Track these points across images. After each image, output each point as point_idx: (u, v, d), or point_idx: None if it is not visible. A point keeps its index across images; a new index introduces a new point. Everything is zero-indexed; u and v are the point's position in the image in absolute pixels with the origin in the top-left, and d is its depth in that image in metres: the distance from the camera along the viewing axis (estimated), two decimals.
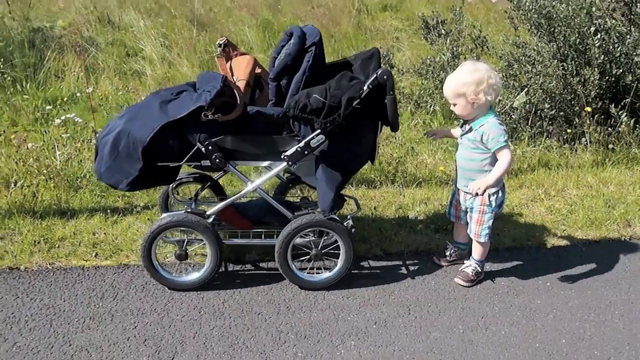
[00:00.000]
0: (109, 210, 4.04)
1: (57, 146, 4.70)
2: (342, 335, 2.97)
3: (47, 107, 5.67)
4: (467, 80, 3.10)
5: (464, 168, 3.32)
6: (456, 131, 3.42)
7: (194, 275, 3.30)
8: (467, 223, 3.43)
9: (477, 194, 3.19)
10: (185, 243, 3.29)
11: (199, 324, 3.01)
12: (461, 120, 3.32)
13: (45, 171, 4.33)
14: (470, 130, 3.20)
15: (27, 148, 4.65)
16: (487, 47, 6.13)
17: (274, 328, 3.01)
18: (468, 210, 3.38)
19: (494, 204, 3.27)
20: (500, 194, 3.28)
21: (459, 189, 3.41)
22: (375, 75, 2.96)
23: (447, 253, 3.65)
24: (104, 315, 3.05)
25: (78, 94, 6.09)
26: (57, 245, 3.66)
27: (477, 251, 3.45)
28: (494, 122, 3.15)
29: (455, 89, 3.13)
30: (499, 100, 5.57)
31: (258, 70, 3.45)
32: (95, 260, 3.55)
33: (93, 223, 3.91)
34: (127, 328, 2.96)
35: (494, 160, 3.19)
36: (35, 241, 3.67)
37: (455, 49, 5.98)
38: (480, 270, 3.48)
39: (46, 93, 6.13)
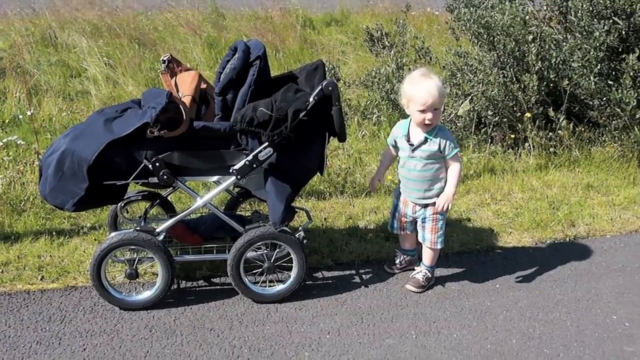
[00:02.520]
0: (54, 233, 3.95)
1: None
2: (295, 347, 2.97)
3: None
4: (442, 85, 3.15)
5: (417, 181, 3.31)
6: (390, 156, 3.46)
7: (146, 294, 3.25)
8: (413, 232, 3.49)
9: (439, 206, 3.26)
10: (135, 262, 3.24)
11: (150, 343, 2.97)
12: (401, 134, 3.31)
13: None
14: (425, 141, 3.22)
15: None
16: (430, 57, 6.25)
17: (227, 343, 2.98)
18: (419, 220, 3.42)
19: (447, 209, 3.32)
20: None
21: (405, 202, 3.43)
22: (320, 86, 2.99)
23: (397, 261, 3.69)
24: (52, 339, 2.97)
25: (20, 116, 5.95)
26: (0, 270, 3.55)
27: (427, 257, 3.49)
28: (445, 129, 3.23)
29: (441, 89, 3.11)
30: (444, 109, 5.68)
31: (203, 86, 3.44)
32: (42, 284, 3.46)
33: (38, 246, 3.81)
34: (76, 351, 2.89)
35: (446, 168, 3.25)
36: None
37: (399, 60, 6.08)
38: (430, 276, 3.53)
39: None
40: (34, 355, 2.86)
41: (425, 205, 3.33)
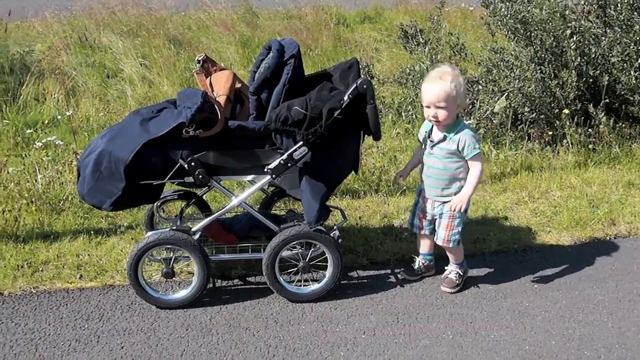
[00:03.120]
0: (92, 232, 4.00)
1: (39, 169, 4.66)
2: (331, 347, 2.96)
3: (28, 131, 5.63)
4: (459, 81, 3.09)
5: (436, 178, 3.27)
6: (419, 153, 3.40)
7: (182, 293, 3.27)
8: (432, 232, 3.44)
9: (451, 206, 3.21)
10: (172, 261, 3.26)
11: (187, 341, 2.99)
12: (424, 131, 3.30)
13: (26, 195, 4.29)
14: (444, 139, 3.18)
15: (8, 172, 4.62)
16: (465, 53, 6.17)
17: (262, 342, 2.99)
18: (436, 217, 3.36)
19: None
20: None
21: (425, 199, 3.38)
22: (355, 84, 2.97)
23: (415, 267, 3.58)
24: (90, 337, 3.02)
25: (59, 117, 6.05)
26: (40, 269, 3.62)
27: (452, 256, 3.45)
28: (468, 129, 3.17)
29: (448, 92, 3.04)
30: (480, 105, 5.61)
31: (238, 85, 3.45)
32: (80, 282, 3.51)
33: (77, 245, 3.87)
34: (114, 349, 2.93)
35: (467, 168, 3.20)
36: (18, 265, 3.63)
37: (434, 56, 6.02)
38: (462, 272, 3.47)
39: (26, 117, 6.08)
40: (73, 352, 2.90)
41: (444, 203, 3.29)
